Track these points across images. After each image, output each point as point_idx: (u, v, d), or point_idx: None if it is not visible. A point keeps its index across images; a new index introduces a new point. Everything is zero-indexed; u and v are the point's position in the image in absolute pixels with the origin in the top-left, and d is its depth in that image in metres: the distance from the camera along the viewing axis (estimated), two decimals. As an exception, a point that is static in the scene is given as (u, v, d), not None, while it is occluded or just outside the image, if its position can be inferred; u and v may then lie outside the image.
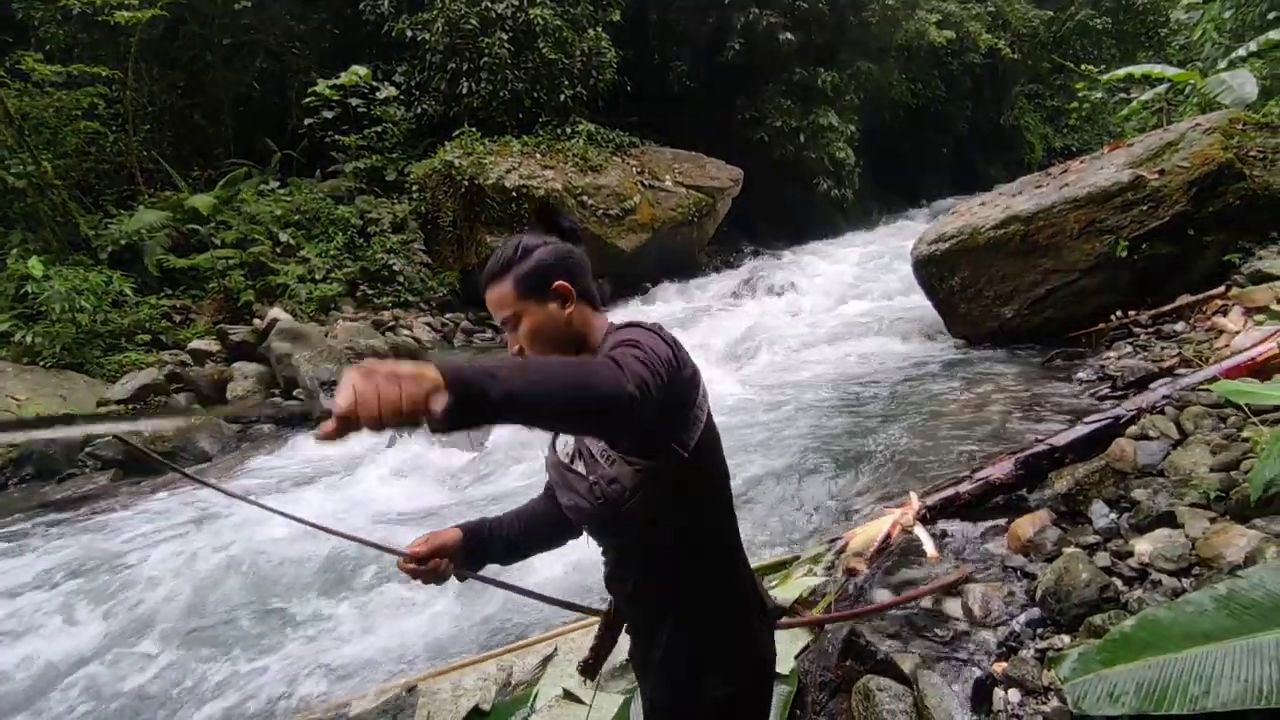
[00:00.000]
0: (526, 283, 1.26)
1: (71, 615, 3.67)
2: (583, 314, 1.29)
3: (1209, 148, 5.60)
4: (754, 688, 1.33)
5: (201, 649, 3.35)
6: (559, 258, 1.29)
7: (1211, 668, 1.68)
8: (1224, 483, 2.57)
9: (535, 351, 1.25)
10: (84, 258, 8.58)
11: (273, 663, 3.21)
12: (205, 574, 3.94)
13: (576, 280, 1.29)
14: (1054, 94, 20.76)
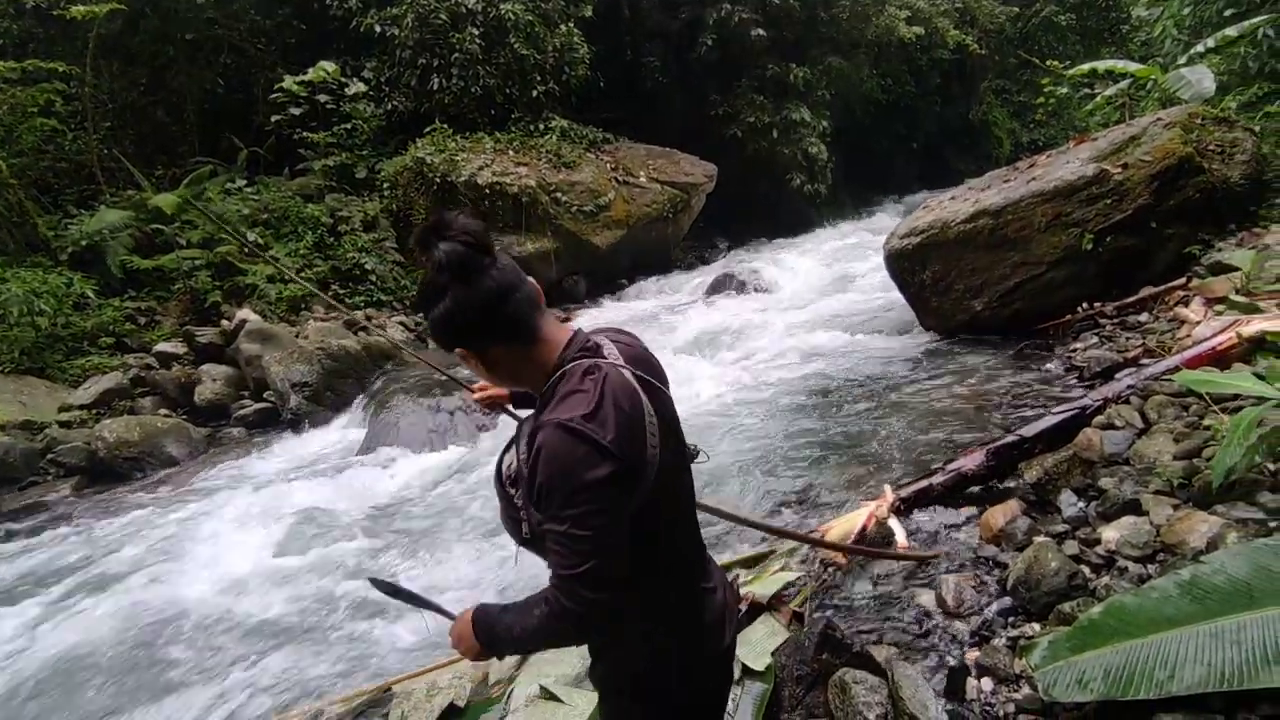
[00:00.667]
0: (438, 344, 1.20)
1: (25, 626, 3.57)
2: (503, 363, 1.20)
3: (1170, 142, 5.73)
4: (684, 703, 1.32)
5: (166, 658, 3.28)
6: (445, 323, 1.15)
7: (1176, 652, 1.72)
8: (1187, 470, 2.63)
9: (491, 384, 1.36)
10: (43, 259, 8.33)
11: (241, 671, 3.15)
12: (171, 581, 3.85)
13: (476, 337, 1.17)
14: (1020, 89, 21.08)
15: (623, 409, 1.11)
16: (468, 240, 1.12)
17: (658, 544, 1.24)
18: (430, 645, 3.21)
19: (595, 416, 1.07)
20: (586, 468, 1.05)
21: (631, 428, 1.11)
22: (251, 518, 4.60)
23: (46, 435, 6.06)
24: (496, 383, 1.26)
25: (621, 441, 1.08)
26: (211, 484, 5.48)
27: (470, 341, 1.17)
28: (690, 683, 1.32)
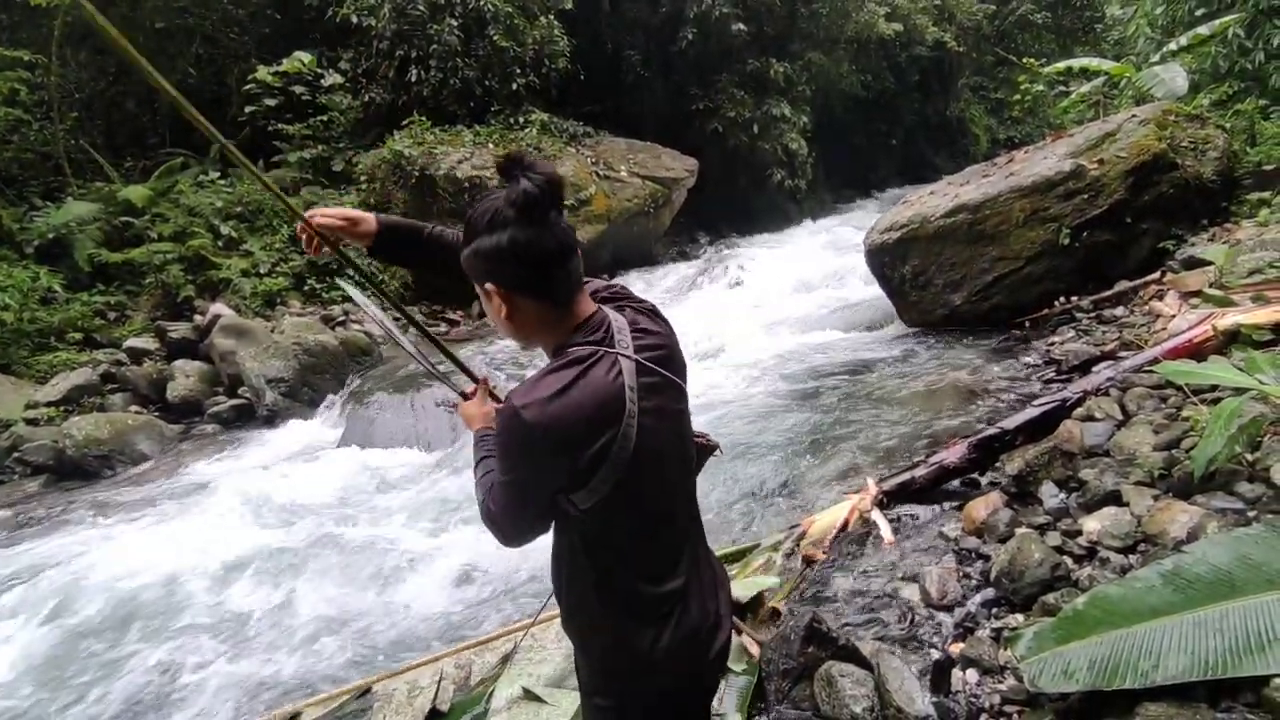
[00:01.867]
0: (469, 269, 1.17)
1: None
2: (525, 315, 1.15)
3: (1144, 138, 5.80)
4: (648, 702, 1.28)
5: (133, 659, 3.20)
6: (492, 256, 1.10)
7: (1160, 642, 1.73)
8: (1167, 461, 2.66)
9: (497, 328, 1.19)
10: (8, 252, 8.10)
11: (212, 671, 3.08)
12: (140, 579, 3.76)
13: (525, 282, 1.12)
14: (997, 86, 21.34)
15: (583, 408, 1.08)
16: (547, 186, 1.07)
17: (628, 548, 1.21)
18: (408, 641, 3.17)
19: (547, 406, 1.06)
20: (520, 446, 1.10)
21: (588, 427, 1.08)
22: (224, 515, 4.51)
23: (12, 433, 5.89)
24: (507, 329, 1.17)
25: (563, 437, 1.07)
26: (183, 482, 5.36)
27: (507, 281, 1.12)
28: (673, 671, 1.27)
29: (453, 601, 3.45)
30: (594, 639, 1.28)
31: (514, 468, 1.13)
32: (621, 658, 1.24)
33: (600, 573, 1.21)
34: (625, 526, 1.19)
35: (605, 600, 1.22)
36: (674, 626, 1.22)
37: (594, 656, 1.29)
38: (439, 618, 3.34)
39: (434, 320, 9.80)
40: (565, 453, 1.08)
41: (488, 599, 3.45)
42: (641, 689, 1.26)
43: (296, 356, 6.99)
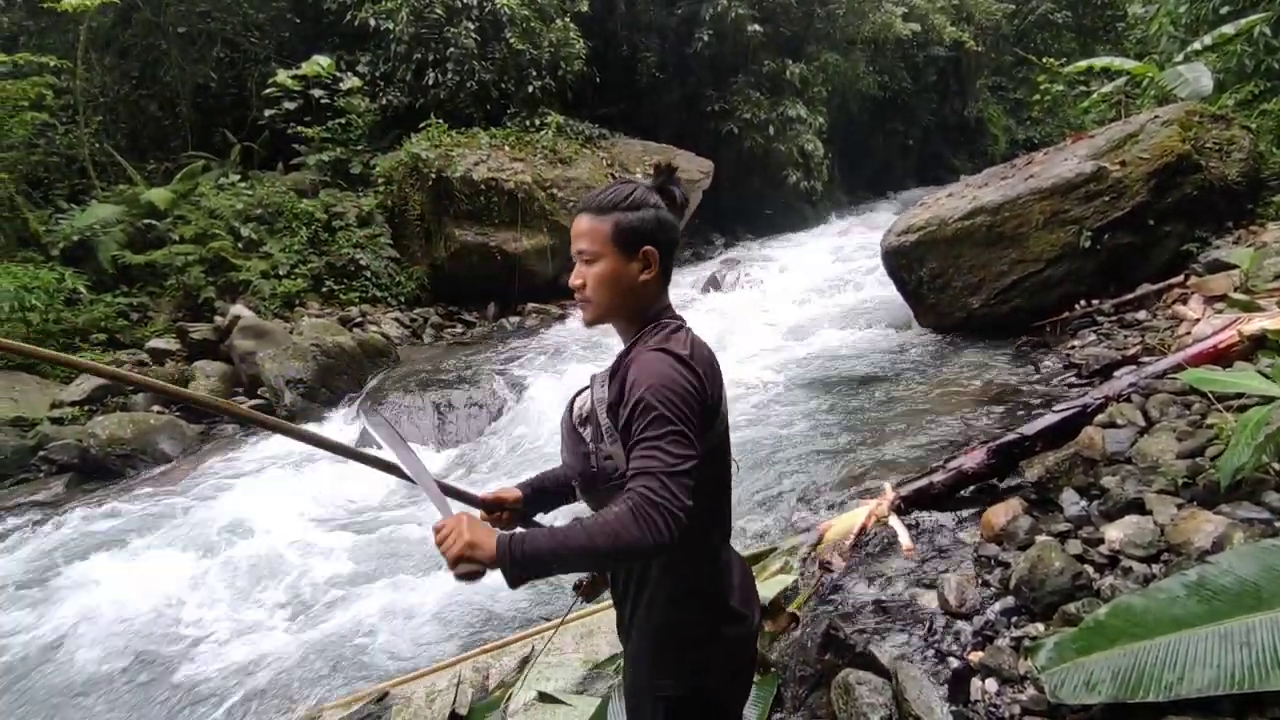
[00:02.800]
0: (624, 234, 1.27)
1: (18, 624, 3.52)
2: (653, 286, 1.31)
3: (1168, 139, 5.73)
4: (706, 697, 1.32)
5: (156, 659, 3.24)
6: (662, 226, 1.31)
7: (1185, 654, 1.70)
8: (1191, 469, 2.62)
9: (595, 294, 1.29)
10: (34, 254, 8.25)
11: (235, 674, 3.11)
12: (162, 579, 3.82)
13: (664, 254, 1.31)
14: (1016, 87, 21.11)
15: (707, 359, 1.27)
16: (683, 199, 1.35)
17: (711, 506, 1.30)
18: (426, 646, 3.19)
19: (689, 356, 1.21)
20: (685, 382, 1.16)
21: (713, 375, 1.26)
22: (244, 515, 4.56)
23: (38, 432, 6.00)
24: (607, 298, 1.28)
25: (706, 378, 1.22)
26: (205, 481, 5.43)
27: (662, 246, 1.31)
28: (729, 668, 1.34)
29: (470, 606, 3.47)
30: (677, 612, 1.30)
31: (684, 415, 1.13)
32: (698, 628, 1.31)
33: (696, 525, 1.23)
34: (715, 485, 1.32)
35: (698, 558, 1.30)
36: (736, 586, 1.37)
37: (674, 635, 1.31)
38: (456, 622, 3.36)
39: (451, 322, 9.86)
40: (711, 389, 1.22)
41: (505, 604, 3.46)
42: (713, 666, 1.31)
43: (315, 357, 7.06)
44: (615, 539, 1.05)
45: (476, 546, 1.07)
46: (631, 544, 1.04)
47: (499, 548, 1.06)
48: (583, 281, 1.31)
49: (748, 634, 1.39)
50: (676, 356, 1.19)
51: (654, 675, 1.33)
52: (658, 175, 1.35)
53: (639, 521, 1.05)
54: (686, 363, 1.19)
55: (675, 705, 1.31)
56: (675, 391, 1.14)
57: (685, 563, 1.29)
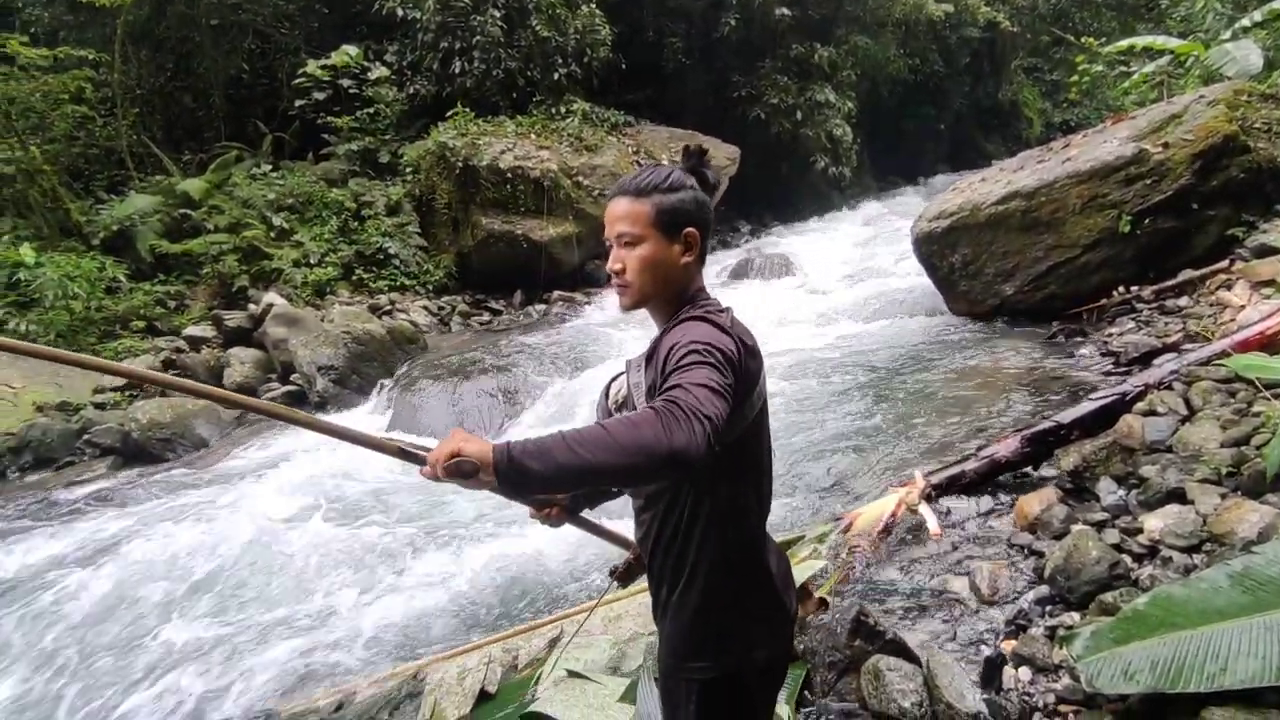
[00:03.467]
0: (665, 216, 1.26)
1: (79, 599, 3.65)
2: (692, 267, 1.30)
3: (1213, 120, 5.54)
4: (740, 681, 1.31)
5: (194, 634, 3.34)
6: (700, 207, 1.30)
7: (1228, 645, 1.67)
8: (1235, 458, 2.55)
9: (636, 279, 1.26)
10: (76, 244, 8.48)
11: (273, 650, 3.19)
12: (206, 560, 3.92)
13: (704, 235, 1.31)
14: (1053, 68, 20.53)
15: (748, 334, 1.26)
16: (715, 180, 1.35)
17: (750, 491, 1.31)
18: (457, 627, 3.24)
19: (729, 326, 1.21)
20: (722, 341, 1.14)
21: (752, 350, 1.24)
22: (279, 498, 4.66)
23: (82, 416, 6.18)
24: (649, 282, 1.27)
25: (744, 350, 1.19)
26: (241, 464, 5.56)
27: (703, 229, 1.30)
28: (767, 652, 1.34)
29: (500, 588, 3.51)
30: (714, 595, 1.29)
31: (720, 360, 1.10)
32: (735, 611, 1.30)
33: (734, 507, 1.28)
34: (754, 466, 1.31)
35: (736, 539, 1.29)
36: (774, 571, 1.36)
37: (711, 618, 1.30)
38: (486, 604, 3.40)
39: (478, 310, 9.94)
40: (749, 362, 1.20)
41: (534, 587, 3.50)
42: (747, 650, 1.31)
43: (346, 345, 7.17)
44: (636, 436, 0.93)
45: (469, 440, 0.98)
46: (653, 445, 0.92)
47: (495, 446, 0.96)
48: (622, 266, 1.27)
49: (785, 619, 1.38)
50: (714, 323, 1.19)
51: (687, 657, 1.32)
52: (688, 158, 1.34)
53: (663, 421, 0.94)
54: (725, 329, 1.18)
55: (707, 687, 1.30)
56: (713, 344, 1.11)
57: (723, 543, 1.27)
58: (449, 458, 0.98)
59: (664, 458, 0.92)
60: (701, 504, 1.25)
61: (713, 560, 1.27)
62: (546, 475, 0.95)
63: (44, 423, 5.95)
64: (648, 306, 1.32)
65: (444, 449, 0.99)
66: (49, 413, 6.20)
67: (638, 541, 1.43)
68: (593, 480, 0.97)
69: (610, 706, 2.21)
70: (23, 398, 6.31)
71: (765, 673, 1.36)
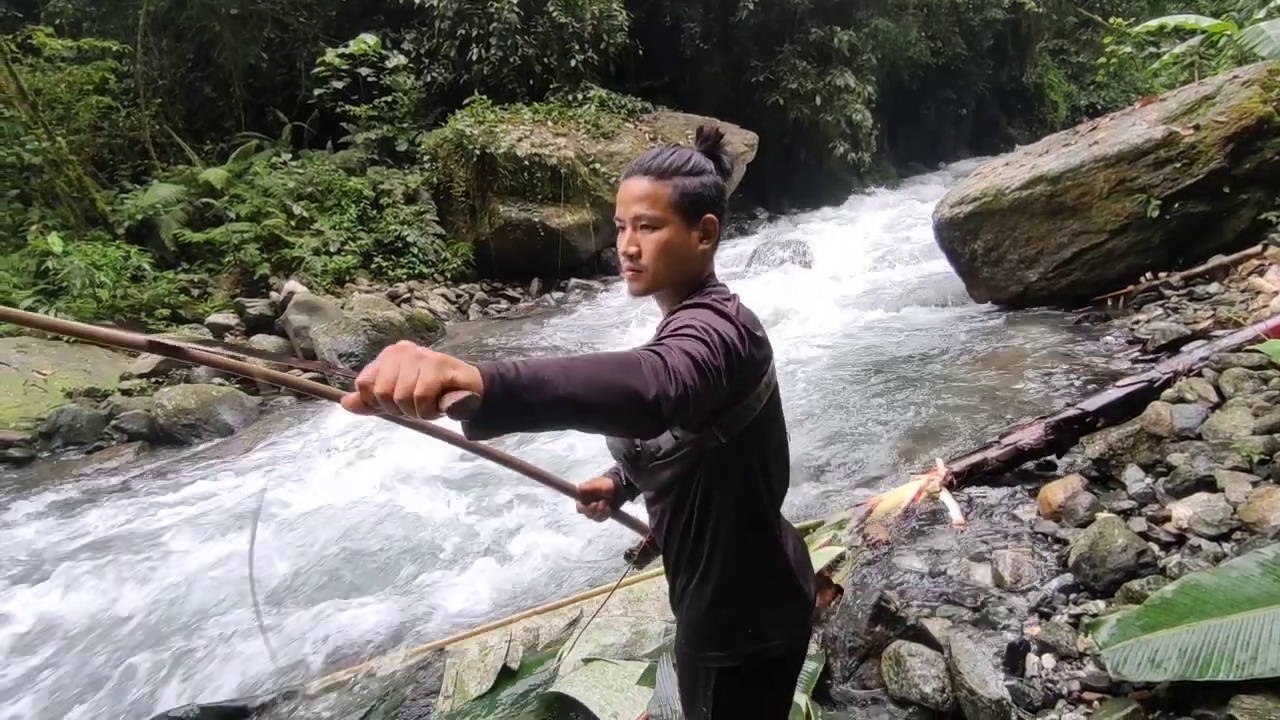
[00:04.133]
0: (686, 199, 1.20)
1: (111, 583, 3.73)
2: (708, 255, 1.26)
3: (1247, 101, 5.40)
4: (758, 669, 1.30)
5: (232, 614, 3.40)
6: (720, 193, 1.25)
7: (1259, 633, 1.64)
8: (1268, 445, 2.51)
9: (652, 264, 1.20)
10: (102, 233, 8.61)
11: (299, 628, 3.25)
12: (228, 540, 3.99)
13: (722, 223, 1.27)
14: (1079, 50, 20.10)
15: (753, 321, 1.20)
16: (730, 165, 1.31)
17: (762, 483, 1.27)
18: (478, 607, 3.28)
19: (733, 313, 1.15)
20: (723, 324, 1.09)
21: (757, 338, 1.19)
22: (302, 482, 4.73)
23: (110, 403, 6.29)
24: (664, 267, 1.21)
25: (748, 336, 1.14)
26: (265, 449, 5.64)
27: (720, 214, 1.26)
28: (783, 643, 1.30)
29: (521, 569, 3.54)
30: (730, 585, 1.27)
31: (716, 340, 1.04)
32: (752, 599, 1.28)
33: (747, 498, 1.25)
34: (769, 454, 1.27)
35: (750, 530, 1.27)
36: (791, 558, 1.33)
37: (727, 608, 1.28)
38: (507, 584, 3.44)
39: (496, 297, 9.98)
40: (753, 348, 1.15)
41: (554, 568, 3.53)
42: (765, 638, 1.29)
43: (365, 332, 7.23)
44: (625, 374, 0.86)
45: (451, 365, 0.76)
46: (634, 388, 0.86)
47: (483, 372, 0.78)
48: (638, 249, 1.20)
49: (803, 606, 1.35)
50: (718, 310, 1.13)
51: (705, 646, 1.31)
52: (704, 141, 1.28)
53: (647, 367, 0.89)
54: (727, 315, 1.12)
55: (725, 676, 1.29)
56: (711, 326, 1.06)
57: (738, 534, 1.25)
58: (441, 387, 0.73)
59: (638, 407, 0.86)
60: (712, 496, 1.22)
61: (727, 551, 1.25)
62: (536, 411, 0.81)
63: (73, 408, 6.07)
64: (659, 292, 1.26)
65: (426, 375, 0.73)
66: (78, 398, 6.32)
67: (652, 530, 1.42)
68: (572, 421, 0.85)
69: (630, 689, 2.23)
70: (52, 384, 6.43)
71: (784, 660, 1.34)
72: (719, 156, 1.28)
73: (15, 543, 4.27)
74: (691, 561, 1.28)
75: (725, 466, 1.20)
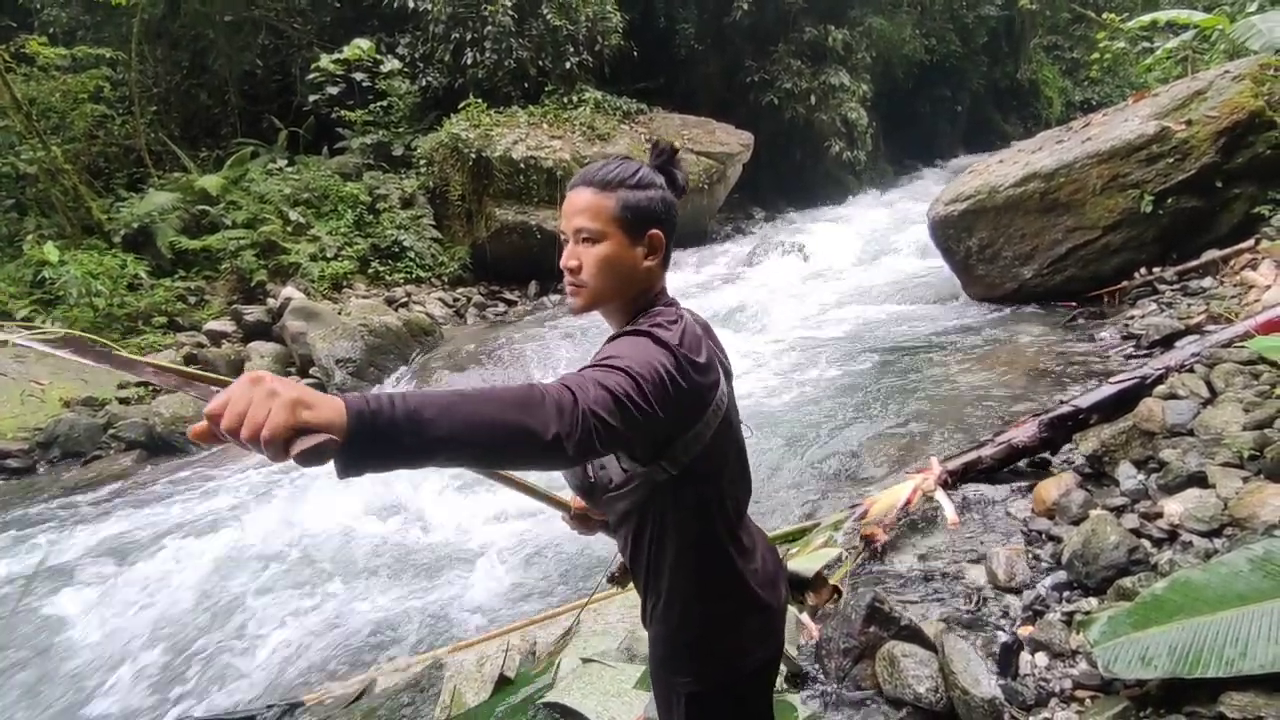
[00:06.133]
0: (630, 212, 1.16)
1: (107, 593, 3.74)
2: (654, 271, 1.21)
3: (1238, 96, 5.41)
4: (728, 689, 1.28)
5: (230, 624, 3.41)
6: (669, 208, 1.21)
7: (1248, 630, 1.65)
8: (1258, 441, 2.51)
9: (592, 280, 1.16)
10: (98, 242, 8.62)
11: (296, 640, 3.26)
12: (224, 547, 4.00)
13: (669, 238, 1.22)
14: (1073, 45, 20.12)
15: (699, 346, 1.14)
16: (683, 183, 1.27)
17: (719, 510, 1.23)
18: (475, 618, 3.28)
19: (676, 343, 1.08)
20: (659, 361, 1.02)
21: (704, 366, 1.13)
22: (300, 490, 4.73)
23: (107, 411, 6.31)
24: (605, 284, 1.16)
25: (690, 366, 1.08)
26: (261, 458, 5.64)
27: (667, 230, 1.21)
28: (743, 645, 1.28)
29: (517, 579, 3.55)
30: (692, 612, 1.26)
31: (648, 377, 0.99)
32: (716, 624, 1.26)
33: (702, 526, 1.21)
34: (723, 476, 1.22)
35: (706, 553, 1.23)
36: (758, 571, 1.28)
37: (690, 634, 1.27)
38: (503, 595, 3.44)
39: (493, 301, 9.98)
40: (697, 377, 1.09)
41: (551, 577, 3.54)
42: (732, 661, 1.27)
43: (362, 337, 7.24)
44: (520, 412, 0.82)
45: (311, 405, 0.69)
46: (529, 427, 0.81)
47: (349, 404, 0.71)
48: (578, 263, 1.16)
49: (772, 617, 1.32)
50: (656, 339, 1.06)
51: (673, 671, 1.29)
52: (658, 155, 1.24)
53: (550, 404, 0.84)
54: (665, 343, 1.06)
55: (695, 699, 1.28)
56: (646, 357, 1.00)
57: (696, 562, 1.22)
58: (291, 431, 0.67)
59: (538, 447, 0.82)
60: (668, 525, 1.20)
61: (688, 578, 1.23)
62: (413, 453, 0.75)
63: (70, 418, 6.08)
64: (602, 309, 1.22)
65: (276, 416, 0.67)
66: (75, 408, 6.33)
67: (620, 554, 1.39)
68: (463, 461, 0.81)
69: (626, 693, 2.24)
70: (50, 394, 6.44)
71: (757, 674, 1.32)
72: (672, 172, 1.24)
73: (12, 557, 4.27)
74: (654, 587, 1.26)
75: (679, 496, 1.17)
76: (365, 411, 0.71)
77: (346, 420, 0.70)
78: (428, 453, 0.76)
